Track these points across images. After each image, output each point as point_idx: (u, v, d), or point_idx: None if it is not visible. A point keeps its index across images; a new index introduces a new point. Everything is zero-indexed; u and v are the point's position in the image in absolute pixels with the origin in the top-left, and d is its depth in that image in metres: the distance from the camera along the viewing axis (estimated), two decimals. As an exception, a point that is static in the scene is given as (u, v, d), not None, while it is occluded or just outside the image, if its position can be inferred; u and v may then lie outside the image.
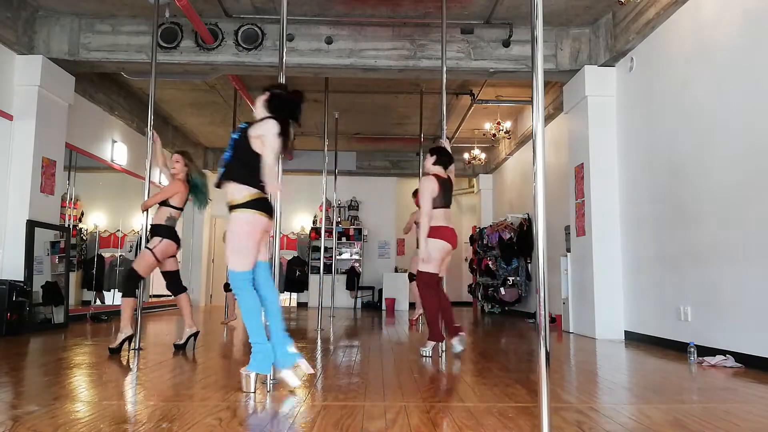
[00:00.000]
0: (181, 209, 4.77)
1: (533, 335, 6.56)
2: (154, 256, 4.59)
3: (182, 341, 4.73)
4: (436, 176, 4.65)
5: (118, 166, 8.95)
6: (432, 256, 4.54)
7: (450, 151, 4.88)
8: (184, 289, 4.85)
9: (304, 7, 6.35)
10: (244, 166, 3.09)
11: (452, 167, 4.86)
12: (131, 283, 4.53)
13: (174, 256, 4.80)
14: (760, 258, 4.16)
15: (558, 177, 7.96)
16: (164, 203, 4.70)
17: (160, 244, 4.60)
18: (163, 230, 4.64)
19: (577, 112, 6.95)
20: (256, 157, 3.05)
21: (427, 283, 4.59)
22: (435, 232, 4.54)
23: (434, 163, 4.73)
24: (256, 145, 3.08)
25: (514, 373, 3.81)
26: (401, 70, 6.81)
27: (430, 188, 4.55)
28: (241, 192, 3.07)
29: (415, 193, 6.74)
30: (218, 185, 3.20)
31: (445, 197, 4.63)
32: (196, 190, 4.87)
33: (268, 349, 3.06)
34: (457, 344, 4.67)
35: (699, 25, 5.02)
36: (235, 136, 3.18)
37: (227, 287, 8.00)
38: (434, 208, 4.56)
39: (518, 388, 3.21)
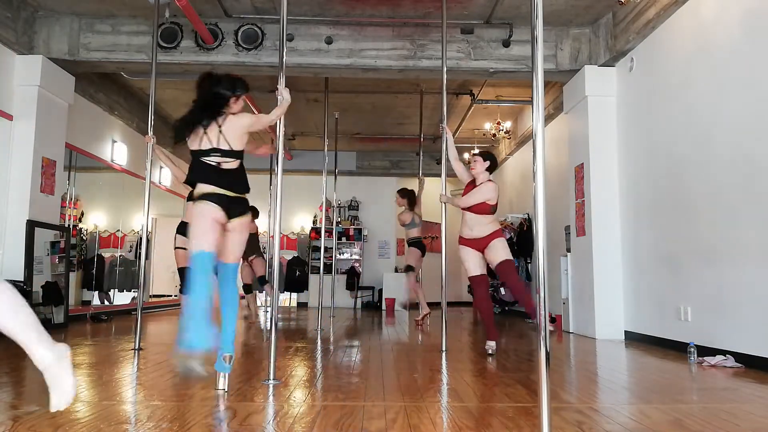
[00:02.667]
0: None
1: (533, 335, 6.55)
2: None
3: None
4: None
5: (118, 166, 8.94)
6: None
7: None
8: None
9: (304, 7, 6.35)
10: None
11: None
12: None
13: None
14: (760, 258, 4.16)
15: (558, 177, 7.95)
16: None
17: None
18: None
19: (577, 112, 6.94)
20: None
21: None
22: None
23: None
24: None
25: (514, 373, 3.81)
26: (401, 70, 6.81)
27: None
28: None
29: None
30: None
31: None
32: None
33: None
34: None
35: (699, 25, 5.02)
36: None
37: (249, 289, 8.04)
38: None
39: (518, 388, 3.21)
